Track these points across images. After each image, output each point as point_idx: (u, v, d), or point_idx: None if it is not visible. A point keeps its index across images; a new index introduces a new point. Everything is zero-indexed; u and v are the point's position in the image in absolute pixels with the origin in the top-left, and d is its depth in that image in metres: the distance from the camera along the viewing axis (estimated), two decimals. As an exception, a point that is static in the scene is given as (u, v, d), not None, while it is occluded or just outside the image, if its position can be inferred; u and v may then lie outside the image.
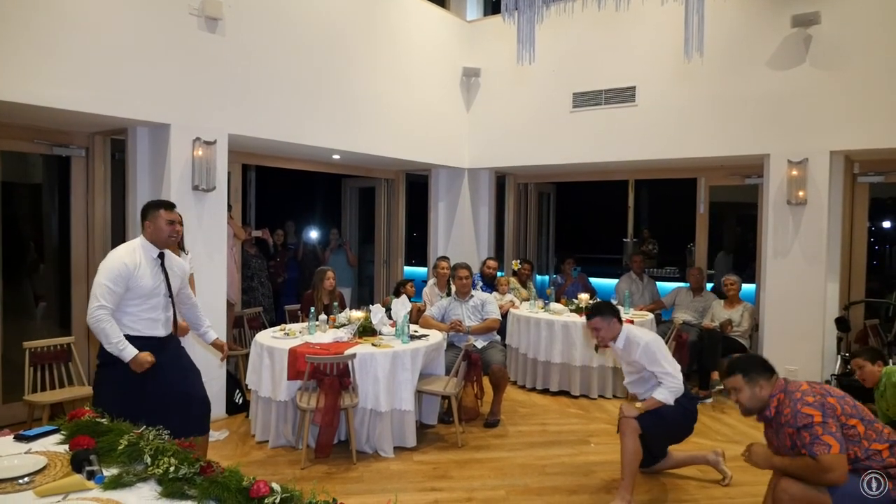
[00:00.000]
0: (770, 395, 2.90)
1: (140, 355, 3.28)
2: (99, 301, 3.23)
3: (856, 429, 2.69)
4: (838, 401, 2.75)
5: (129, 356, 3.26)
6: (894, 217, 9.49)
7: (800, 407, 2.73)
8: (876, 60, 5.82)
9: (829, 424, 2.66)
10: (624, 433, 3.79)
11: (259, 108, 5.63)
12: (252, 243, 7.62)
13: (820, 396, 2.75)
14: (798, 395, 2.78)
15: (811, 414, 2.69)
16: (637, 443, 3.76)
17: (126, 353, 3.26)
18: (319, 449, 4.44)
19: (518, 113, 7.88)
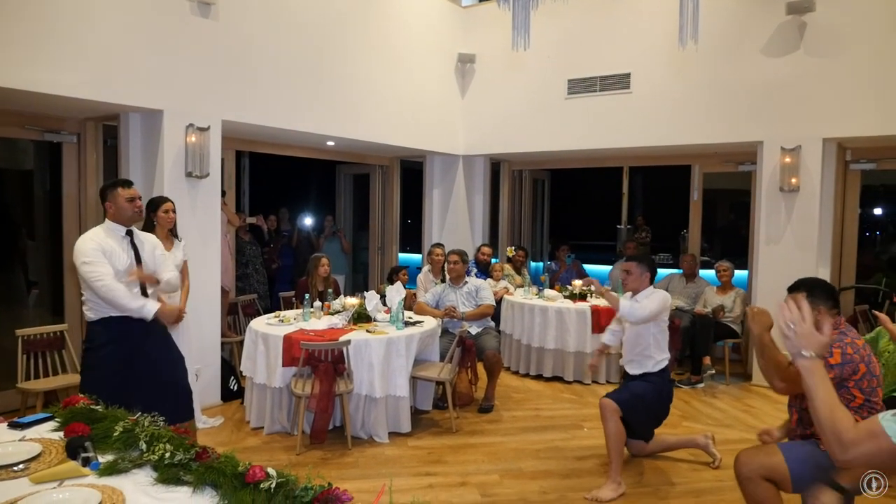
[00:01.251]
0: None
1: (164, 307, 3.33)
2: (94, 275, 3.22)
3: (855, 399, 2.70)
4: (868, 368, 2.72)
5: (152, 311, 3.30)
6: (885, 204, 9.54)
7: (835, 345, 2.70)
8: (869, 48, 5.83)
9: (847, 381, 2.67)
10: (604, 417, 3.85)
11: (253, 94, 5.60)
12: (246, 230, 7.60)
13: (859, 357, 2.72)
14: (848, 340, 2.74)
15: (833, 352, 2.68)
16: (618, 424, 3.82)
17: (148, 309, 3.30)
18: (314, 435, 4.46)
19: (513, 100, 7.86)
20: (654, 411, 4.07)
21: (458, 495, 3.78)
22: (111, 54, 4.58)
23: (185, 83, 5.06)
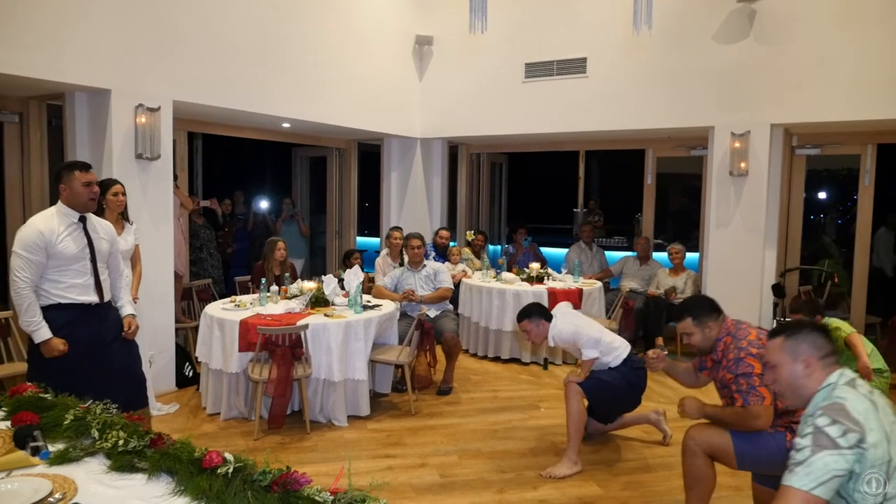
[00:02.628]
0: (717, 338, 3.01)
1: (53, 340, 3.15)
2: (18, 273, 3.11)
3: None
4: None
5: (41, 337, 3.14)
6: (829, 188, 9.91)
7: (743, 356, 2.85)
8: (815, 36, 6.01)
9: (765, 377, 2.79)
10: (568, 397, 3.92)
11: (205, 75, 5.46)
12: (200, 213, 7.45)
13: (763, 349, 2.87)
14: (744, 344, 2.89)
15: (753, 364, 2.81)
16: (580, 405, 3.90)
17: (40, 333, 3.14)
18: (272, 420, 4.44)
19: (471, 83, 7.85)
20: (621, 400, 4.12)
21: (417, 476, 3.82)
22: (55, 30, 4.39)
23: (134, 62, 4.90)
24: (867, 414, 1.78)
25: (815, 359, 1.97)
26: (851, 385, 1.88)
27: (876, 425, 1.77)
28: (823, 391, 1.91)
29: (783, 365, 2.01)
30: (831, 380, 1.92)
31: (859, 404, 1.80)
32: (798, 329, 2.05)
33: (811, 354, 1.97)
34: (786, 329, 2.08)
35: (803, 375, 1.96)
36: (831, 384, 1.90)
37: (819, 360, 1.96)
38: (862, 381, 1.93)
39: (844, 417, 1.77)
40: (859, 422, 1.76)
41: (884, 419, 1.81)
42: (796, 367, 1.98)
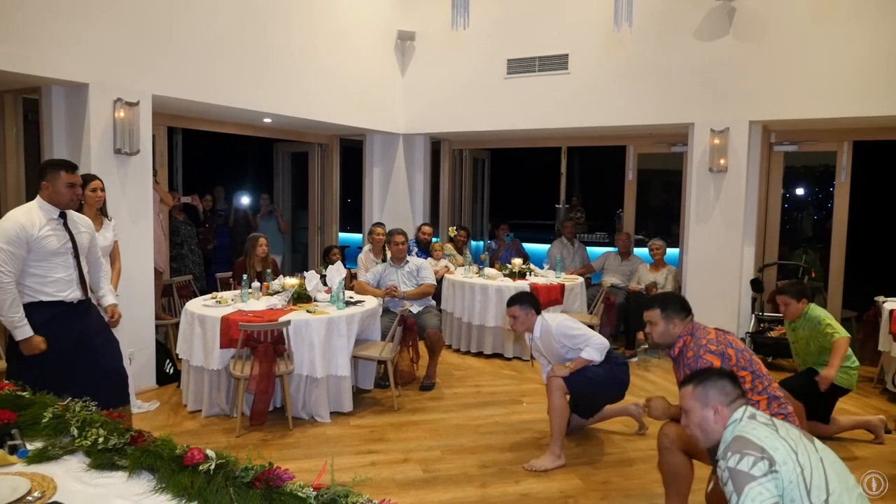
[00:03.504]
0: (679, 336, 3.07)
1: (34, 338, 3.12)
2: (2, 267, 3.06)
3: (744, 380, 2.86)
4: (737, 353, 2.94)
5: (23, 335, 3.10)
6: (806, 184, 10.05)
7: (702, 353, 2.91)
8: (793, 34, 6.09)
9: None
10: (550, 391, 3.94)
11: (186, 69, 5.40)
12: (180, 209, 7.38)
13: (722, 346, 2.95)
14: (703, 342, 2.96)
15: (711, 361, 2.87)
16: (563, 400, 3.92)
17: (22, 331, 3.10)
18: (254, 416, 4.42)
19: (453, 78, 7.85)
20: (604, 395, 4.15)
21: (400, 472, 3.83)
22: (31, 22, 4.32)
23: (113, 55, 4.83)
24: (768, 437, 1.91)
25: (723, 405, 2.12)
26: (752, 418, 2.05)
27: (780, 444, 1.91)
28: (729, 429, 2.07)
29: (694, 410, 2.16)
30: (735, 416, 2.09)
31: (759, 431, 1.94)
32: (706, 377, 2.20)
33: (719, 401, 2.13)
34: (694, 377, 2.23)
35: (712, 420, 2.12)
36: (735, 420, 2.07)
37: (726, 407, 2.12)
38: (761, 413, 2.10)
39: (749, 448, 1.90)
40: (763, 448, 1.89)
41: (786, 435, 1.93)
42: (706, 413, 2.13)
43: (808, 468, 1.89)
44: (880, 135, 6.72)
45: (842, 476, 1.94)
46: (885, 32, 5.74)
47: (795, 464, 1.88)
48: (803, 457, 1.91)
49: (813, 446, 1.98)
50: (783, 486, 1.86)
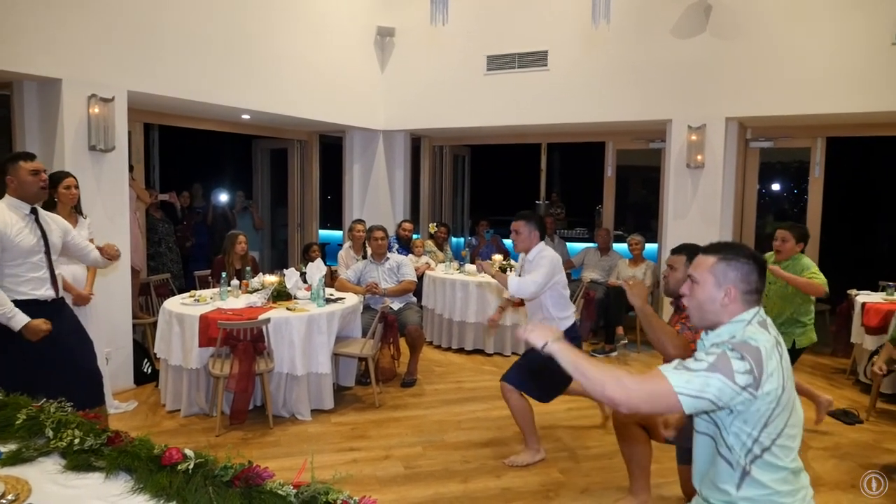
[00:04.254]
0: None
1: (33, 322, 3.08)
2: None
3: None
4: None
5: (19, 324, 3.06)
6: (782, 180, 10.20)
7: None
8: (768, 32, 6.17)
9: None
10: (505, 397, 3.90)
11: (162, 64, 5.33)
12: (158, 207, 7.30)
13: None
14: None
15: None
16: (519, 399, 3.88)
17: (16, 320, 3.05)
18: (234, 415, 4.39)
19: (433, 75, 7.84)
20: (555, 381, 4.02)
21: (381, 468, 3.83)
22: (2, 16, 4.23)
23: (87, 50, 4.76)
24: (773, 360, 1.74)
25: (739, 292, 1.85)
26: (763, 326, 1.83)
27: (774, 369, 1.74)
28: (733, 325, 1.84)
29: (705, 286, 1.88)
30: (744, 316, 1.84)
31: (769, 349, 1.75)
32: (736, 254, 1.88)
33: (736, 286, 1.85)
34: (722, 249, 1.92)
35: (720, 304, 1.85)
36: (743, 321, 1.83)
37: (742, 294, 1.85)
38: (772, 324, 1.88)
39: (754, 359, 1.71)
40: (763, 367, 1.71)
41: (784, 365, 1.79)
42: (717, 294, 1.86)
43: (780, 406, 1.76)
44: (853, 131, 6.84)
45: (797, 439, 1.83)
46: (858, 30, 5.84)
47: (775, 399, 1.74)
48: (785, 395, 1.77)
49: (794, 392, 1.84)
50: (747, 408, 1.72)
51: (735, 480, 1.78)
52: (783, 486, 1.78)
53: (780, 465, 1.77)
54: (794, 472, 1.80)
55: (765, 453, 1.76)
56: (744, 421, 1.75)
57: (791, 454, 1.80)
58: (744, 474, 1.77)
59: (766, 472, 1.76)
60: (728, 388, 1.68)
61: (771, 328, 1.84)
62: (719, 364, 1.70)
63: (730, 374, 1.68)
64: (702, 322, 1.92)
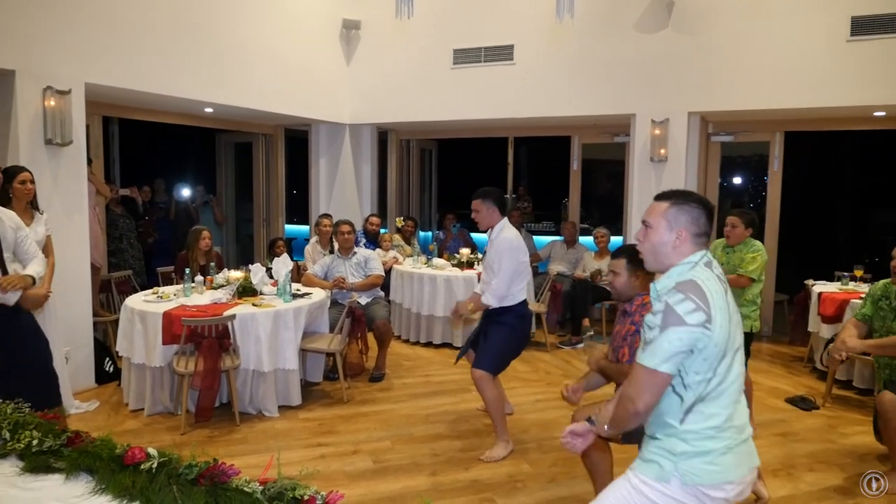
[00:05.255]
0: (638, 294, 3.00)
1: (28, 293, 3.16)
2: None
3: None
4: None
5: (16, 296, 3.13)
6: (742, 174, 10.43)
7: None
8: (728, 28, 6.29)
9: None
10: (480, 388, 3.91)
11: (121, 56, 5.20)
12: (118, 202, 7.14)
13: None
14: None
15: None
16: (493, 389, 3.91)
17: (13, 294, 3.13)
18: (200, 413, 4.33)
19: (399, 68, 7.81)
20: (516, 351, 4.11)
21: (350, 463, 3.83)
22: (-51, 6, 4.09)
23: (42, 41, 4.61)
24: (717, 293, 1.85)
25: (690, 234, 1.95)
26: (708, 266, 1.93)
27: (722, 306, 1.84)
28: (682, 266, 1.93)
29: (658, 229, 1.98)
30: (693, 258, 1.93)
31: (713, 285, 1.86)
32: (686, 200, 2.00)
33: (687, 228, 1.95)
34: (674, 195, 2.03)
35: (671, 246, 1.96)
36: (691, 262, 1.92)
37: (692, 237, 1.95)
38: (717, 264, 1.97)
39: (697, 296, 1.81)
40: (710, 302, 1.81)
41: (729, 300, 1.90)
42: (668, 236, 1.96)
43: (730, 339, 1.87)
44: (810, 125, 7.02)
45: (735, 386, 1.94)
46: (815, 27, 5.98)
47: (727, 332, 1.85)
48: (734, 328, 1.88)
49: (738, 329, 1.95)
50: (706, 344, 1.82)
51: (679, 415, 1.90)
52: (721, 422, 1.89)
53: (723, 403, 1.89)
54: (732, 417, 1.91)
55: (712, 392, 1.88)
56: (703, 359, 1.85)
57: (730, 398, 1.91)
58: (688, 410, 1.89)
59: (710, 406, 1.88)
60: (686, 333, 1.80)
61: (716, 268, 1.95)
62: (667, 319, 1.81)
63: (680, 322, 1.80)
64: (655, 264, 2.03)
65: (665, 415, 1.93)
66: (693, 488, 1.87)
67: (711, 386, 1.87)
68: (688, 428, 1.89)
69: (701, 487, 1.86)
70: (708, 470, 1.86)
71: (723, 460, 1.87)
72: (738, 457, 1.90)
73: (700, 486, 1.86)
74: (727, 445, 1.88)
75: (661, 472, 1.90)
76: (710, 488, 1.87)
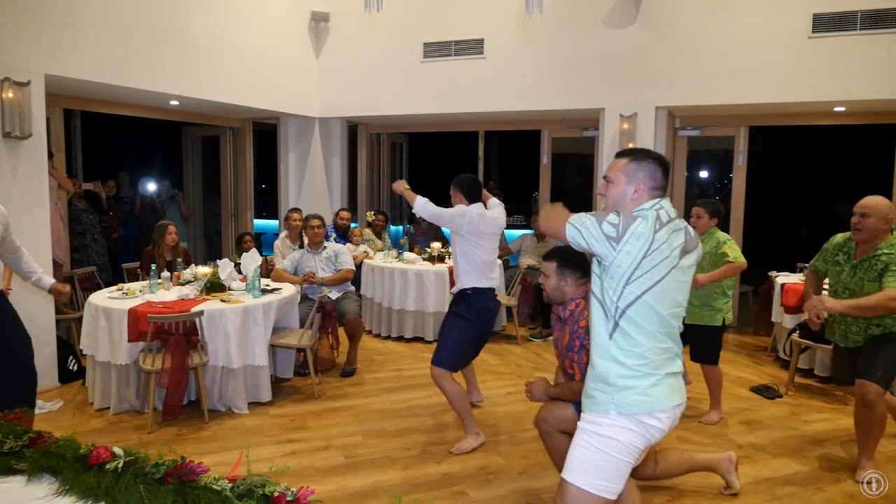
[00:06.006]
0: (571, 298, 2.95)
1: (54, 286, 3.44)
2: None
3: None
4: None
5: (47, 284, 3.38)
6: (708, 168, 10.60)
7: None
8: (696, 24, 6.38)
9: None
10: (439, 384, 3.91)
11: (82, 47, 5.07)
12: (81, 197, 6.98)
13: None
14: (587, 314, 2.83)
15: None
16: (453, 384, 3.92)
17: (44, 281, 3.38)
18: (167, 411, 4.27)
19: (369, 62, 7.76)
20: (475, 347, 4.12)
21: (321, 459, 3.81)
22: None
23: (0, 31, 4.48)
24: (643, 232, 2.00)
25: (647, 188, 2.13)
26: (657, 214, 2.07)
27: (643, 239, 1.99)
28: (635, 212, 2.10)
29: (618, 183, 2.15)
30: (646, 206, 2.10)
31: (645, 224, 2.01)
32: (644, 157, 2.17)
33: (645, 182, 2.13)
34: (633, 153, 2.20)
35: (630, 198, 2.13)
36: (644, 209, 2.09)
37: (648, 190, 2.13)
38: (671, 216, 2.10)
39: (625, 222, 2.00)
40: (629, 231, 1.99)
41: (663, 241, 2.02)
42: (627, 189, 2.14)
43: (641, 271, 2.01)
44: (773, 120, 7.16)
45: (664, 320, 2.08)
46: (778, 24, 6.10)
47: (636, 262, 2.00)
48: (647, 262, 2.01)
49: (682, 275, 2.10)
50: (610, 262, 2.01)
51: (608, 329, 2.09)
52: (645, 351, 2.06)
53: (646, 330, 2.05)
54: (658, 352, 2.08)
55: (629, 309, 2.05)
56: (611, 277, 2.05)
57: (655, 336, 2.07)
58: (615, 326, 2.07)
59: (632, 327, 2.06)
60: (595, 229, 2.01)
61: (662, 218, 2.07)
62: (600, 215, 2.04)
63: (601, 221, 2.01)
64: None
65: (597, 328, 2.12)
66: (630, 417, 2.06)
67: (622, 306, 2.05)
68: (618, 349, 2.07)
69: (637, 416, 2.06)
70: (640, 400, 2.05)
71: (653, 391, 2.06)
72: (667, 389, 2.09)
73: (636, 415, 2.06)
74: (657, 379, 2.07)
75: (600, 406, 2.10)
76: (646, 416, 2.06)
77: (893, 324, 3.39)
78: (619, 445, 2.06)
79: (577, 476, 2.08)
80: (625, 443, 2.07)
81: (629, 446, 2.07)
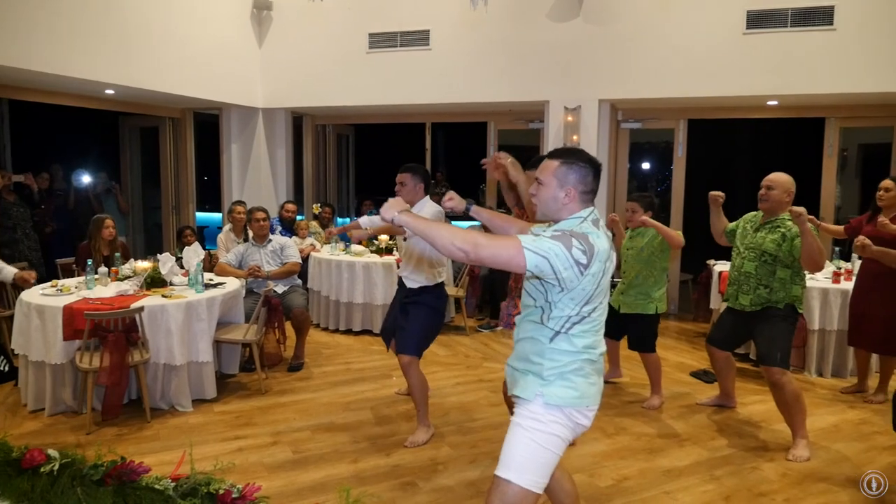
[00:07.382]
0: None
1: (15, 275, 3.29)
2: None
3: None
4: None
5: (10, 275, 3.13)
6: (650, 160, 10.88)
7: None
8: (636, 19, 6.53)
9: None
10: (407, 373, 3.91)
11: (10, 32, 4.83)
12: (10, 189, 6.66)
13: None
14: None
15: None
16: (420, 375, 3.94)
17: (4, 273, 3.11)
18: (107, 411, 4.13)
19: (314, 52, 7.64)
20: (436, 331, 4.11)
21: (269, 455, 3.76)
22: None
23: (-86, 14, 4.23)
24: (602, 251, 2.03)
25: (577, 192, 2.12)
26: (595, 224, 2.11)
27: (602, 260, 2.03)
28: (571, 221, 2.11)
29: (549, 186, 2.14)
30: (582, 214, 2.12)
31: (600, 242, 2.04)
32: (575, 158, 2.15)
33: (575, 187, 2.12)
34: (564, 154, 2.18)
35: (561, 202, 2.13)
36: (580, 217, 2.11)
37: (579, 194, 2.13)
38: (603, 223, 2.16)
39: (589, 249, 1.99)
40: (595, 252, 2.00)
41: (609, 256, 2.09)
42: (558, 193, 2.12)
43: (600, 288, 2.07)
44: (710, 114, 7.40)
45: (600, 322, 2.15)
46: (716, 20, 6.30)
47: (595, 282, 2.03)
48: (604, 280, 2.07)
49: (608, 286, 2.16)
50: (575, 286, 1.99)
51: (549, 336, 2.09)
52: (582, 349, 2.09)
53: (585, 337, 2.09)
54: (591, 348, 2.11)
55: (582, 321, 2.07)
56: (571, 298, 2.04)
57: (592, 336, 2.12)
58: (557, 333, 2.08)
59: (574, 338, 2.08)
60: (564, 256, 1.94)
61: (602, 227, 2.13)
62: (562, 238, 1.98)
63: (569, 247, 1.96)
64: (546, 216, 2.20)
65: (536, 334, 2.12)
66: (557, 409, 2.06)
67: (573, 321, 2.07)
68: (554, 348, 2.08)
69: (564, 409, 2.06)
70: (568, 394, 2.06)
71: (584, 387, 2.09)
72: (597, 387, 2.14)
73: (563, 407, 2.06)
74: (590, 376, 2.11)
75: (530, 393, 2.09)
76: (573, 411, 2.07)
77: (780, 290, 3.76)
78: (559, 441, 2.08)
79: (519, 475, 2.04)
80: (563, 437, 2.08)
81: (565, 441, 2.10)
